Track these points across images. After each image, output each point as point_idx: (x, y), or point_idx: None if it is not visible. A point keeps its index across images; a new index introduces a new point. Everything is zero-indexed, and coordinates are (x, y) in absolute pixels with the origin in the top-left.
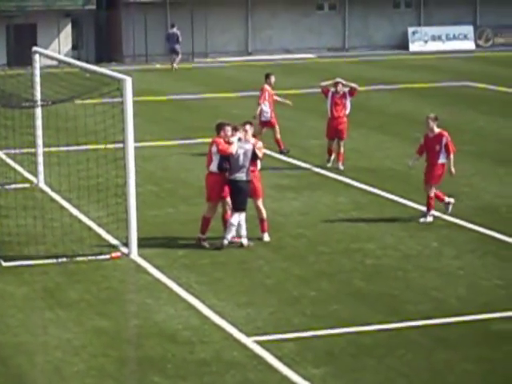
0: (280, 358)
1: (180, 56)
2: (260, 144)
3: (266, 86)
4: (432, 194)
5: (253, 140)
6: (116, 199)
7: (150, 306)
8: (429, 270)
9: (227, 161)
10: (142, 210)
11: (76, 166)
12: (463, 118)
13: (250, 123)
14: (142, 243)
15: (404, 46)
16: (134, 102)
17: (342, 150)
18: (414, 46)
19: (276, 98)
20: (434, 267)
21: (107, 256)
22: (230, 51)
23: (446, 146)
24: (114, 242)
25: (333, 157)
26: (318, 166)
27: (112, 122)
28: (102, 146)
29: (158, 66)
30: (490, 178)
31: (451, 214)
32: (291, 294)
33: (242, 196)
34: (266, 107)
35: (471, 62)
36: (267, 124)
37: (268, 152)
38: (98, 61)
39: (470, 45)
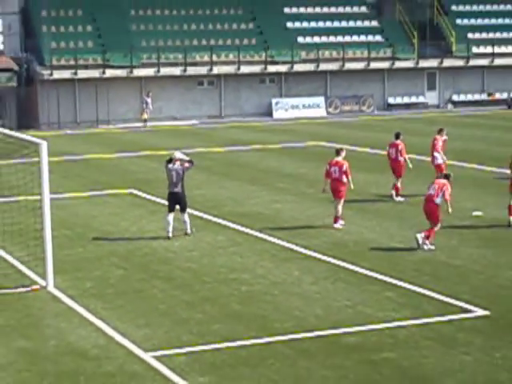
0: (173, 369)
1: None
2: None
3: (438, 137)
4: None
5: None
6: (35, 241)
7: (64, 329)
8: (292, 294)
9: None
10: (56, 250)
11: (1, 214)
12: (318, 171)
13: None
14: (57, 277)
15: (269, 113)
16: (49, 162)
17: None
18: (277, 114)
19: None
20: (296, 292)
21: (28, 288)
22: (128, 119)
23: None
24: (33, 276)
25: None
26: (200, 211)
27: (31, 178)
28: (23, 198)
29: (68, 131)
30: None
31: (309, 248)
32: (181, 317)
33: (182, 202)
34: (438, 154)
35: (323, 126)
36: (439, 168)
37: (160, 200)
38: (19, 128)
39: (322, 112)
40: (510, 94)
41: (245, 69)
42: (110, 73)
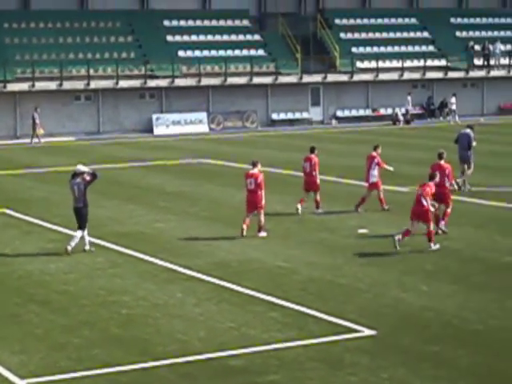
0: None
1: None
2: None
3: (374, 154)
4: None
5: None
6: None
7: None
8: (174, 317)
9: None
10: None
11: None
12: (200, 189)
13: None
14: None
15: (149, 129)
16: None
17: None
18: (158, 130)
19: (383, 165)
20: (179, 314)
21: None
22: (1, 136)
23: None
24: None
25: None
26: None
27: None
28: None
29: None
30: (223, 237)
31: (191, 269)
32: (58, 342)
33: (83, 218)
34: (374, 171)
35: (206, 142)
36: (374, 186)
37: (35, 221)
38: None
39: (204, 128)
40: (395, 109)
41: (124, 83)
42: None
